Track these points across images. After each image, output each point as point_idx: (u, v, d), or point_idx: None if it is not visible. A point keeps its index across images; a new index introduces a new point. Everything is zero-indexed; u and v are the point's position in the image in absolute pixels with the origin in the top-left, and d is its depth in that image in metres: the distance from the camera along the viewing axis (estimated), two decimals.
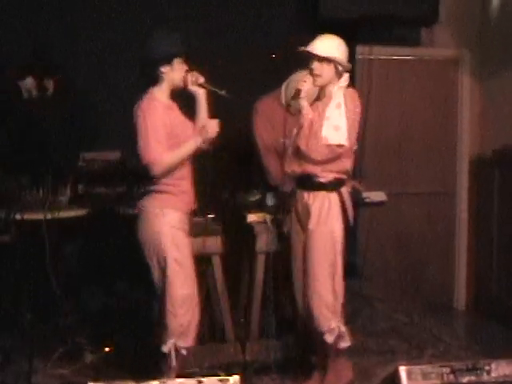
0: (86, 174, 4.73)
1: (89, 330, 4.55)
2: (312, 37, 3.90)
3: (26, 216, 4.28)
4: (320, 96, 3.93)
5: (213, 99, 5.48)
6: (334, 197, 3.86)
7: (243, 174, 5.13)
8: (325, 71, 3.84)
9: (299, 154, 3.88)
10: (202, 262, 4.32)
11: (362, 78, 5.65)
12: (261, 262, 4.24)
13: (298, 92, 3.89)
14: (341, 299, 3.89)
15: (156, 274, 3.72)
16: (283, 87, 4.94)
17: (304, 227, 3.92)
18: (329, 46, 3.85)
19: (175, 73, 3.74)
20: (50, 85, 4.92)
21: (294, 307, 4.15)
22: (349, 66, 3.90)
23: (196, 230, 4.20)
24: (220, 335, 4.32)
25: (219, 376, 2.79)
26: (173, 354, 3.66)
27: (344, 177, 3.92)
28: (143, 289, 3.92)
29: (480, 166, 5.79)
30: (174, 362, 3.67)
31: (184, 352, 3.70)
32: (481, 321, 5.61)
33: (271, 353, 4.29)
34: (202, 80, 3.82)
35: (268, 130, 4.94)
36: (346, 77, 3.89)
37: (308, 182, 3.90)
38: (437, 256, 5.98)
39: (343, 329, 3.86)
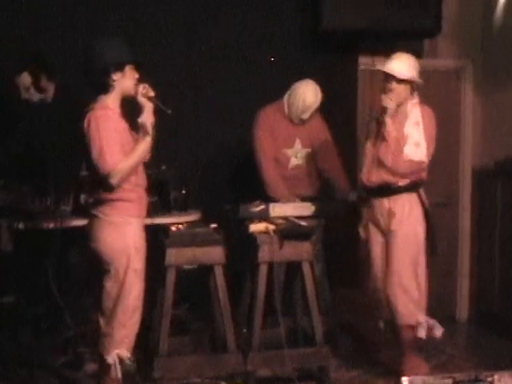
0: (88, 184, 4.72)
1: (90, 340, 4.53)
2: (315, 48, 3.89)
3: (30, 226, 4.28)
4: (396, 112, 4.14)
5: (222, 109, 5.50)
6: (414, 198, 4.14)
7: (246, 184, 5.13)
8: (403, 90, 4.10)
9: (381, 166, 4.11)
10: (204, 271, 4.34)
11: (365, 89, 5.67)
12: (263, 271, 4.24)
13: (383, 110, 4.10)
14: (424, 294, 4.17)
15: (111, 282, 3.66)
16: (285, 97, 4.96)
17: (384, 230, 4.17)
18: (405, 66, 4.09)
19: (126, 80, 3.68)
20: (49, 87, 4.88)
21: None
22: (422, 83, 4.13)
23: (198, 240, 4.21)
24: (222, 345, 4.30)
25: None
26: (118, 364, 3.64)
27: (420, 181, 4.19)
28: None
29: (482, 177, 5.79)
30: (119, 373, 3.65)
31: (128, 362, 3.67)
32: (483, 332, 5.58)
33: (273, 363, 4.30)
34: (152, 94, 3.71)
35: (269, 140, 4.95)
36: (415, 93, 4.15)
37: (387, 189, 4.14)
38: (439, 267, 5.96)
39: (431, 320, 4.17)
